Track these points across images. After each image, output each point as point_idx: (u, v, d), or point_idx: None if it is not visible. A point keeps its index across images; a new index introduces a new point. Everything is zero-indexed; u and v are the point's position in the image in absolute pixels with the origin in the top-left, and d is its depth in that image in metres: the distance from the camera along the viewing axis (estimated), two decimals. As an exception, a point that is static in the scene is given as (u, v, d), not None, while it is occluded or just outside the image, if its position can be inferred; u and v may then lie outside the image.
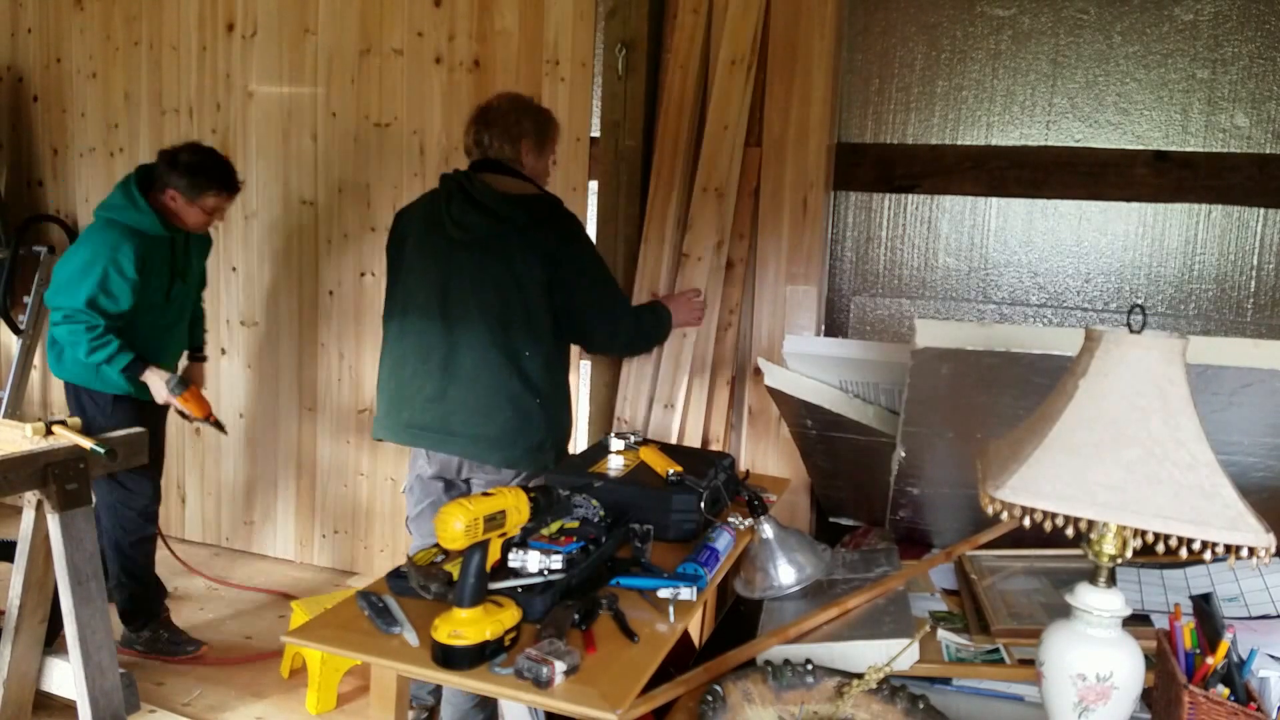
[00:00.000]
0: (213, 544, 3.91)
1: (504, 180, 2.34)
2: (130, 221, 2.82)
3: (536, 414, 2.30)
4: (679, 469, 2.06)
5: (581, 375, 3.16)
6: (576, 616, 1.54)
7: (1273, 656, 1.48)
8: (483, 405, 2.27)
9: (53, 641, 2.47)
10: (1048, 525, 1.21)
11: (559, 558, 1.64)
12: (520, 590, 1.59)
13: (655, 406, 2.84)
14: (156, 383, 2.89)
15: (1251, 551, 1.11)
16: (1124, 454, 1.16)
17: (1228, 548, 1.12)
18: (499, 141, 2.36)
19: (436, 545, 1.74)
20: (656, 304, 2.68)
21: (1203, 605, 1.35)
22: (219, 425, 2.98)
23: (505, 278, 2.27)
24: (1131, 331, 1.21)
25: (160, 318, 2.98)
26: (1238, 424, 1.76)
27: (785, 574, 1.83)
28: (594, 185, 3.07)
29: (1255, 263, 2.53)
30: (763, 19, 2.74)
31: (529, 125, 2.39)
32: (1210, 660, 1.24)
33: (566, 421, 2.44)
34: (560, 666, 1.38)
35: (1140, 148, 2.58)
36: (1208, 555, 1.12)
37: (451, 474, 2.38)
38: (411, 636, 1.51)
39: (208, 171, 2.87)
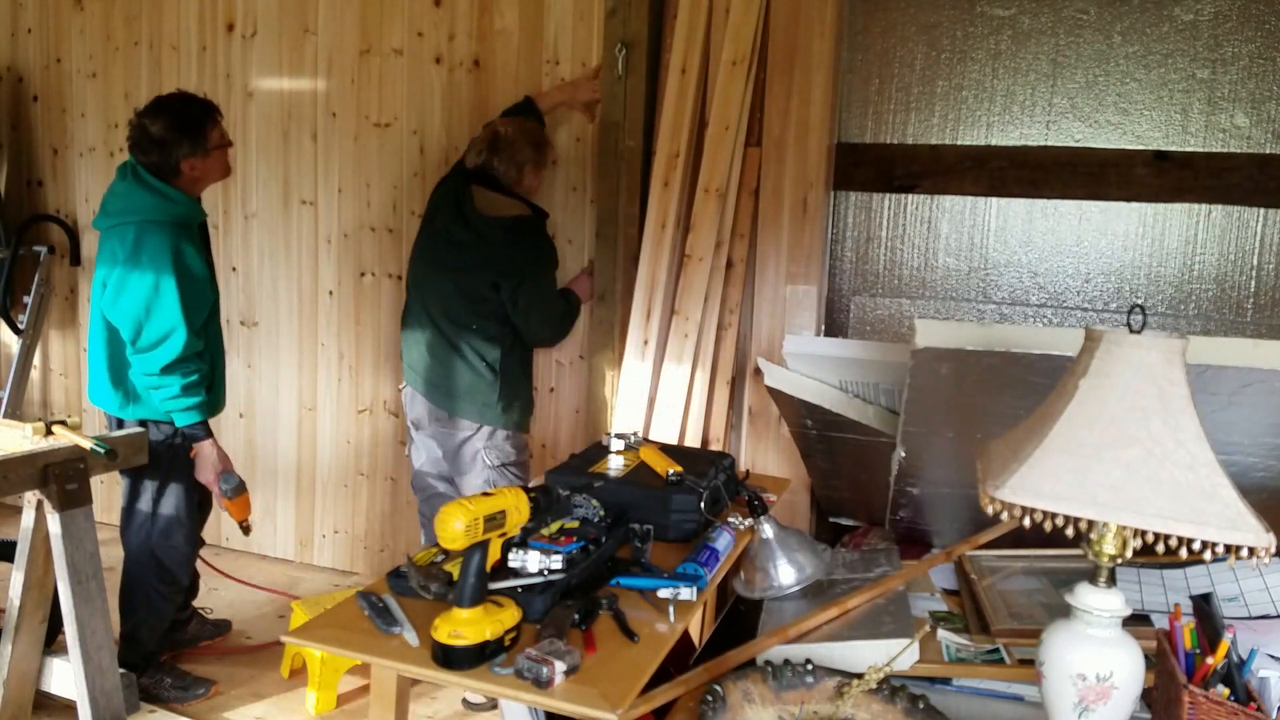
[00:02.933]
0: (213, 544, 3.90)
1: (495, 199, 2.74)
2: (167, 215, 2.50)
3: (487, 377, 2.75)
4: (679, 469, 2.06)
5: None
6: (576, 616, 1.54)
7: (1273, 656, 1.48)
8: (445, 368, 2.77)
9: (53, 641, 2.47)
10: (1048, 525, 1.21)
11: (559, 558, 1.64)
12: (520, 590, 1.59)
13: (655, 406, 2.84)
14: (210, 457, 2.61)
15: (1251, 551, 1.11)
16: (1124, 454, 1.16)
17: (1228, 548, 1.12)
18: (505, 166, 2.75)
19: (436, 545, 1.74)
20: (570, 294, 2.99)
21: (1203, 605, 1.35)
22: (248, 529, 2.79)
23: (472, 277, 2.72)
24: (1131, 331, 1.21)
25: (216, 324, 2.72)
26: (1238, 424, 1.77)
27: (785, 574, 1.83)
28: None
29: (1255, 263, 2.53)
30: (763, 19, 2.74)
31: (532, 153, 2.77)
32: (1210, 660, 1.24)
33: (520, 388, 2.86)
34: (560, 666, 1.38)
35: (1140, 148, 2.58)
36: (1208, 555, 1.12)
37: (422, 416, 2.86)
38: (411, 636, 1.51)
39: (193, 116, 2.56)
